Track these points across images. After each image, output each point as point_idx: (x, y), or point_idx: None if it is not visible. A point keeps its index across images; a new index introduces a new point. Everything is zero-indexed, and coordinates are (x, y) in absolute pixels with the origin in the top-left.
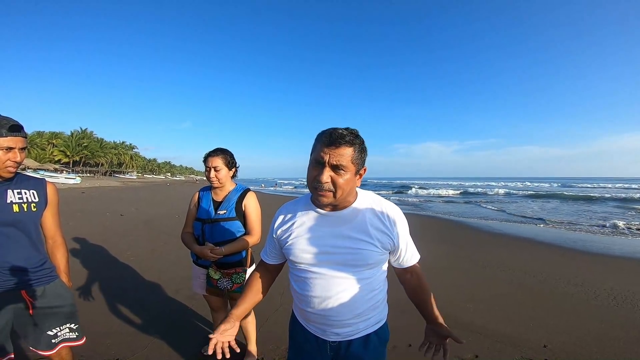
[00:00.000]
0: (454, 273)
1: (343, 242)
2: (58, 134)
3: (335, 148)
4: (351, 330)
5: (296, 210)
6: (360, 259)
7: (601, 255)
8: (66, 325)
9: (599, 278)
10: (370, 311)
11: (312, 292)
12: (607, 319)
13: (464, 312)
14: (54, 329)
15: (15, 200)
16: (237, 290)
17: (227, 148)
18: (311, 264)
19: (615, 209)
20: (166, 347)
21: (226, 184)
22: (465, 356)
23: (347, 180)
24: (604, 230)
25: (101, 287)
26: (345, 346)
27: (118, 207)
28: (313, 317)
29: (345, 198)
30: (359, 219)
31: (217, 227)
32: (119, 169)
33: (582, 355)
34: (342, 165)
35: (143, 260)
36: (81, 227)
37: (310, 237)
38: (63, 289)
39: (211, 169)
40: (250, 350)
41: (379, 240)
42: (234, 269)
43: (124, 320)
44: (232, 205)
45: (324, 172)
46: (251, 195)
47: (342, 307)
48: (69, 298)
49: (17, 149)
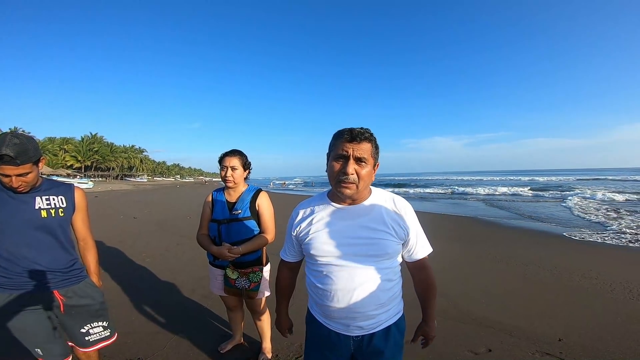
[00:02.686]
0: (467, 268)
1: (363, 232)
2: (69, 140)
3: (358, 143)
4: (374, 322)
5: (313, 206)
6: (380, 248)
7: (615, 248)
8: (99, 324)
9: (614, 271)
10: (391, 301)
11: (336, 285)
12: (623, 312)
13: (478, 307)
14: (85, 326)
15: (43, 206)
16: (254, 288)
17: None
18: (334, 257)
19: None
20: (184, 346)
21: (240, 184)
22: (479, 350)
23: (368, 172)
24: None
25: (120, 288)
26: (367, 340)
27: (131, 210)
28: (336, 313)
29: (362, 191)
30: (375, 210)
31: (233, 227)
32: (129, 173)
33: (598, 349)
34: (364, 158)
35: (158, 261)
36: (96, 230)
37: (331, 231)
38: (92, 289)
39: (228, 168)
40: (264, 347)
41: (394, 230)
42: (250, 268)
43: (143, 320)
44: (246, 205)
45: (349, 165)
46: (264, 194)
47: (367, 297)
48: (98, 297)
49: (14, 176)
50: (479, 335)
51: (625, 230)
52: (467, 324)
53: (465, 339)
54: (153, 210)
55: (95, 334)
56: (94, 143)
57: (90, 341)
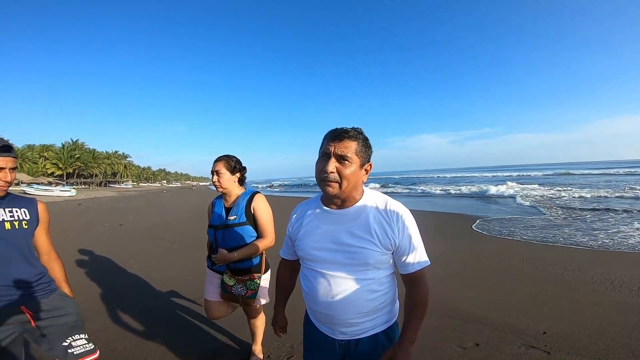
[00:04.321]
0: (453, 264)
1: (346, 239)
2: (49, 147)
3: (340, 141)
4: (358, 329)
5: (307, 208)
6: (360, 258)
7: (595, 238)
8: (80, 336)
9: (595, 263)
10: (377, 311)
11: (317, 290)
12: (605, 304)
13: (465, 301)
14: (67, 339)
15: (7, 218)
16: (251, 296)
17: (231, 154)
18: (316, 261)
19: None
20: (175, 351)
21: (232, 189)
22: (467, 345)
23: (353, 172)
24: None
25: (109, 296)
26: (353, 344)
27: (116, 217)
28: (320, 316)
29: (350, 192)
30: (362, 217)
31: (228, 233)
32: (113, 179)
33: (581, 341)
34: (346, 156)
35: (146, 267)
36: (81, 238)
37: (316, 234)
38: (66, 301)
39: (214, 173)
40: (255, 349)
41: (380, 239)
42: (248, 275)
43: (133, 326)
44: (241, 210)
45: (329, 163)
46: (259, 197)
47: (346, 306)
48: (73, 308)
49: (8, 168)
50: (466, 330)
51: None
52: (453, 319)
53: (452, 334)
54: (139, 217)
55: (79, 347)
56: (75, 149)
57: (75, 354)
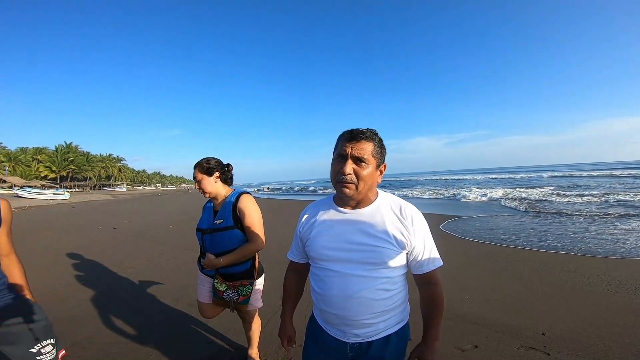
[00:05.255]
0: (448, 265)
1: (362, 238)
2: (42, 150)
3: (357, 142)
4: (371, 330)
5: (319, 209)
6: (377, 257)
7: (591, 239)
8: (47, 341)
9: (592, 263)
10: (390, 311)
11: (330, 290)
12: (602, 304)
13: (461, 303)
14: (35, 346)
15: None
16: (243, 302)
17: (211, 156)
18: (330, 261)
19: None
20: (170, 355)
21: (217, 190)
22: (465, 347)
23: (369, 173)
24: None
25: (102, 299)
26: (365, 347)
27: (110, 220)
28: (332, 318)
29: (366, 193)
30: (378, 217)
31: (215, 237)
32: (107, 182)
33: (580, 342)
34: (363, 157)
35: (141, 271)
36: (75, 241)
37: (330, 234)
38: (30, 306)
39: (195, 182)
40: (251, 354)
41: (396, 239)
42: (239, 281)
43: (128, 330)
44: (228, 213)
45: (347, 165)
46: (245, 198)
47: (361, 306)
48: (39, 312)
49: None
50: (464, 332)
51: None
52: (451, 320)
53: (450, 336)
54: (134, 220)
55: (47, 354)
56: (69, 152)
57: None
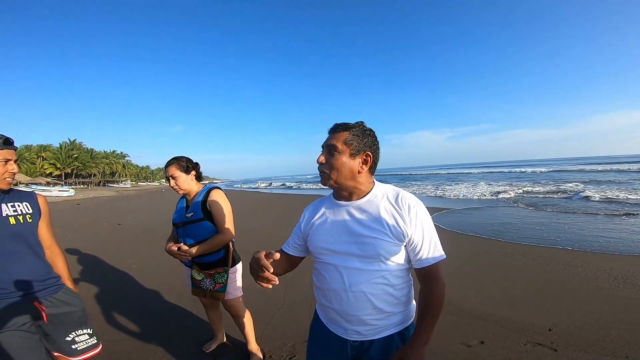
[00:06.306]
0: (453, 260)
1: (357, 229)
2: (47, 147)
3: (333, 133)
4: (372, 329)
5: (321, 205)
6: (373, 248)
7: (597, 235)
8: (83, 331)
9: (598, 259)
10: (392, 308)
11: (329, 284)
12: (609, 300)
13: (466, 298)
14: (70, 334)
15: (10, 213)
16: (220, 289)
17: (181, 155)
18: (328, 254)
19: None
20: (174, 353)
21: (191, 188)
22: (471, 343)
23: (342, 162)
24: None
25: (107, 296)
26: (367, 346)
27: (115, 217)
28: (333, 315)
29: (346, 182)
30: (373, 207)
31: (187, 230)
32: (112, 179)
33: (588, 338)
34: (335, 146)
35: (145, 267)
36: (80, 238)
37: (327, 228)
38: (71, 296)
39: (169, 178)
40: (252, 349)
41: (390, 228)
42: (214, 269)
43: (132, 327)
44: (197, 207)
45: (320, 155)
46: (215, 193)
47: (360, 301)
48: (78, 303)
49: (13, 160)
50: (470, 328)
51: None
52: (457, 316)
53: (456, 332)
54: (138, 217)
55: (82, 342)
56: (73, 149)
57: (78, 350)
